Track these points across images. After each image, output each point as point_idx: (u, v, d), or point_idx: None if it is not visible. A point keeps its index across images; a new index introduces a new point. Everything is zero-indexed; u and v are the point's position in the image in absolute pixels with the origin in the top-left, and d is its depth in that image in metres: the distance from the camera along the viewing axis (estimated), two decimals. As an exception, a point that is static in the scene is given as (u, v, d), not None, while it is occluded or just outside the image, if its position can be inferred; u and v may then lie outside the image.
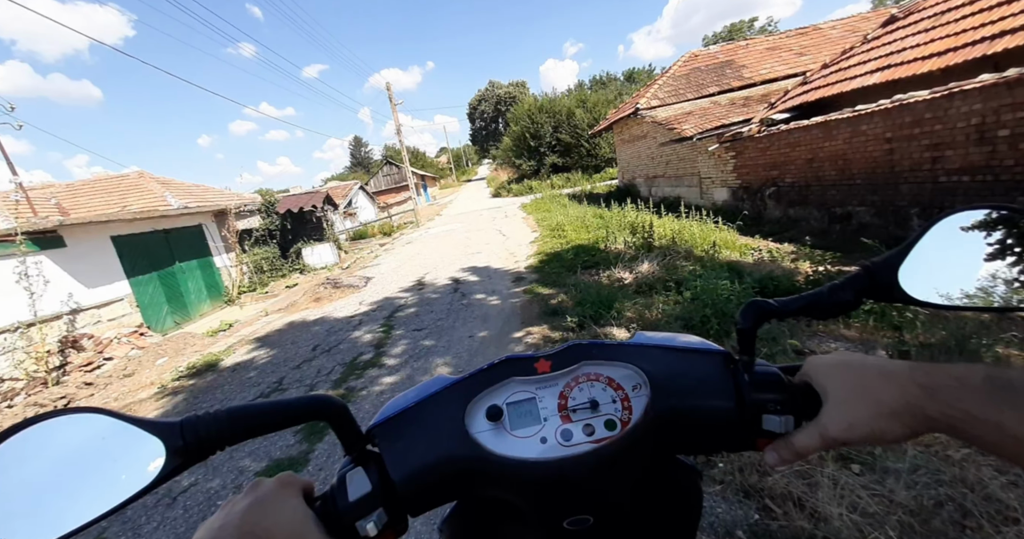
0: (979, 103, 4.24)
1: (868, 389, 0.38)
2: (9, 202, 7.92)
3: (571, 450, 0.45)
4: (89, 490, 0.36)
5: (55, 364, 6.40)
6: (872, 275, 0.43)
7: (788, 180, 7.19)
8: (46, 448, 0.35)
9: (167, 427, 0.38)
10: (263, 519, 0.38)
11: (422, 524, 2.17)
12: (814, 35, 12.75)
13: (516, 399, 0.49)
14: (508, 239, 11.29)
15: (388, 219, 21.58)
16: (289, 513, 0.39)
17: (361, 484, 0.43)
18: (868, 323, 3.06)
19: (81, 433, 0.37)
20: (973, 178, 4.44)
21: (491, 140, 64.33)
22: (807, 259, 4.85)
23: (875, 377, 0.38)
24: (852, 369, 0.40)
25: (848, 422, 0.38)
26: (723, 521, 1.74)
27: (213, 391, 4.77)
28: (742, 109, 10.65)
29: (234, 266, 11.77)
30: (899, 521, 1.52)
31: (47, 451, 0.35)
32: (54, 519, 0.34)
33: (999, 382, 0.31)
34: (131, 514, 2.79)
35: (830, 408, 0.40)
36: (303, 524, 0.39)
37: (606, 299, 4.52)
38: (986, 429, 0.31)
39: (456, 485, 0.47)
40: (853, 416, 0.38)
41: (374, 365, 4.49)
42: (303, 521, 0.39)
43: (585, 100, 29.22)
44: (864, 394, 0.38)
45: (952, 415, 0.33)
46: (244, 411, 0.40)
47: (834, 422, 0.40)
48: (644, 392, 0.48)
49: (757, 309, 0.46)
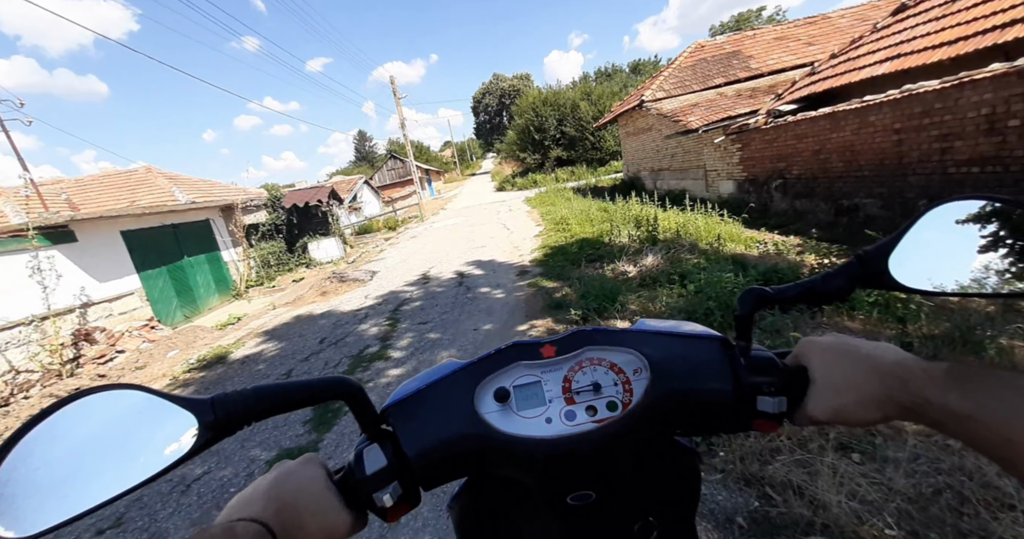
0: (990, 93, 4.19)
1: (855, 381, 0.41)
2: (20, 197, 8.03)
3: (574, 429, 0.48)
4: (126, 461, 0.39)
5: (69, 356, 6.53)
6: (864, 263, 0.45)
7: (795, 172, 7.13)
8: (88, 421, 0.38)
9: (199, 403, 0.41)
10: (289, 487, 0.42)
11: (429, 511, 2.22)
12: (823, 24, 12.53)
13: (522, 382, 0.51)
14: (512, 233, 11.29)
15: (393, 213, 21.62)
16: (311, 483, 0.43)
17: (377, 459, 0.47)
18: (872, 315, 3.06)
19: (122, 407, 0.40)
20: (982, 169, 4.39)
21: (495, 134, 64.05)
22: (813, 252, 4.84)
23: (862, 367, 0.41)
24: (841, 356, 0.43)
25: (833, 407, 0.42)
26: (723, 508, 1.78)
27: (223, 383, 4.85)
28: (749, 100, 10.52)
29: (241, 260, 11.87)
30: (897, 508, 1.54)
31: (89, 423, 0.38)
32: (93, 488, 0.37)
33: (954, 372, 0.35)
34: (147, 500, 2.87)
35: (818, 391, 0.44)
36: (324, 493, 0.43)
37: (610, 292, 4.54)
38: (940, 412, 0.35)
39: (465, 462, 0.50)
40: (838, 402, 0.42)
41: (380, 358, 4.55)
42: (324, 490, 0.43)
43: (590, 92, 28.95)
44: (851, 385, 0.41)
45: (916, 402, 0.36)
46: (269, 389, 0.43)
47: (819, 406, 0.43)
48: (645, 375, 0.50)
49: (754, 296, 0.48)
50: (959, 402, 0.33)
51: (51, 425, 0.37)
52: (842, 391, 0.41)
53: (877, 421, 0.40)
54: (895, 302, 2.98)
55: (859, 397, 0.40)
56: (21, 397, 5.72)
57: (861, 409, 0.40)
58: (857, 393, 0.40)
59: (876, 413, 0.39)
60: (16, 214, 7.39)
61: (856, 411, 0.40)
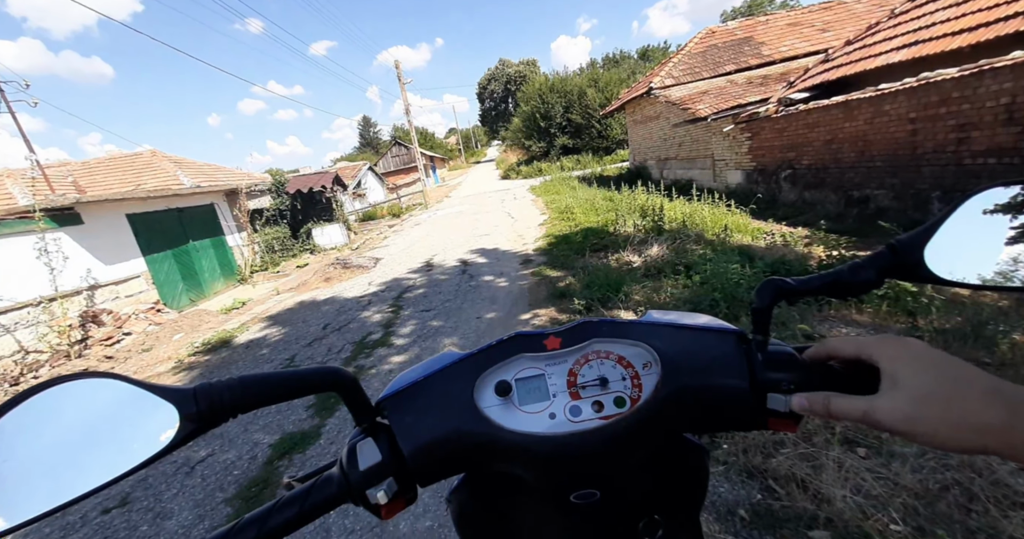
0: (1010, 81, 4.06)
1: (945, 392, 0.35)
2: (27, 179, 8.05)
3: (579, 426, 0.46)
4: (105, 453, 0.37)
5: (77, 338, 6.60)
6: (897, 253, 0.42)
7: (805, 162, 7.00)
8: (65, 409, 0.36)
9: (181, 394, 0.38)
10: None
11: (430, 497, 2.23)
12: (838, 9, 12.19)
13: (525, 375, 0.49)
14: (517, 221, 11.24)
15: (397, 200, 21.57)
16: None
17: (371, 454, 0.44)
18: (881, 308, 3.01)
19: (99, 397, 0.37)
20: (1000, 160, 4.29)
21: (501, 121, 63.29)
22: (821, 243, 4.77)
23: (955, 380, 0.35)
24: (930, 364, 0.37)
25: (907, 415, 0.36)
26: (725, 500, 1.77)
27: (227, 366, 4.89)
28: (760, 88, 10.30)
29: (246, 245, 11.90)
30: (903, 504, 1.52)
31: (66, 412, 0.36)
32: (71, 479, 0.35)
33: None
34: (152, 481, 2.91)
35: (893, 394, 0.38)
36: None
37: (614, 282, 4.51)
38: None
39: (464, 458, 0.47)
40: (916, 412, 0.36)
41: (383, 344, 4.56)
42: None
43: (597, 79, 28.50)
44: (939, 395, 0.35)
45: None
46: (256, 380, 0.41)
47: (887, 409, 0.37)
48: (655, 370, 0.47)
49: (774, 288, 0.45)
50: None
51: (24, 413, 0.34)
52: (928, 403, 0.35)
53: (961, 450, 0.34)
54: (905, 295, 2.93)
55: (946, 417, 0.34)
56: (31, 377, 5.81)
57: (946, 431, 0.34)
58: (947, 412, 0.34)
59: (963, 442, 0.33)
60: (24, 196, 7.42)
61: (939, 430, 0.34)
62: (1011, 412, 0.32)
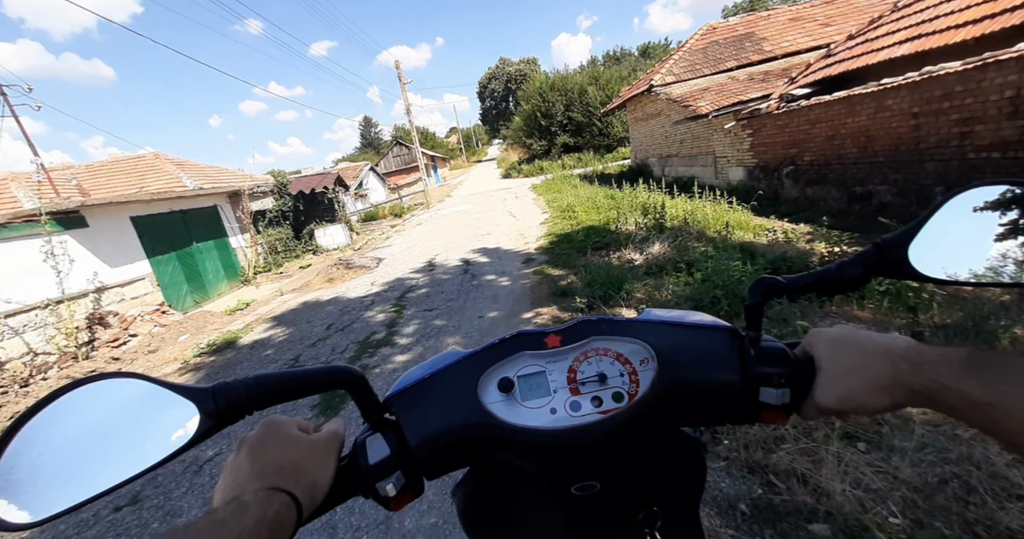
0: (1015, 74, 4.03)
1: (862, 364, 0.40)
2: (32, 183, 8.11)
3: (579, 420, 0.48)
4: (129, 449, 0.39)
5: (84, 340, 6.66)
6: (882, 251, 0.43)
7: (807, 159, 6.98)
8: (90, 408, 0.38)
9: (200, 392, 0.40)
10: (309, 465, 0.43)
11: (434, 495, 2.26)
12: (841, 4, 12.11)
13: (527, 372, 0.51)
14: (518, 220, 11.24)
15: (399, 200, 21.60)
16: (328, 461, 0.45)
17: (380, 449, 0.47)
18: (882, 304, 3.02)
19: (122, 396, 0.40)
20: (1004, 154, 4.26)
21: (502, 119, 63.18)
22: (823, 240, 4.76)
23: (871, 353, 0.40)
24: (849, 344, 0.42)
25: (839, 394, 0.41)
26: (726, 495, 1.79)
27: (233, 367, 4.93)
28: (761, 84, 10.26)
29: (249, 247, 11.96)
30: (902, 497, 1.54)
31: (91, 411, 0.38)
32: (97, 475, 0.36)
33: (974, 357, 0.34)
34: (162, 479, 2.95)
35: (824, 380, 0.43)
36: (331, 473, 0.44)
37: (616, 280, 4.52)
38: (954, 397, 0.33)
39: (469, 451, 0.50)
40: (846, 389, 0.40)
41: (387, 344, 4.59)
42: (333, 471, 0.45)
43: (598, 77, 28.41)
44: (858, 368, 0.40)
45: (930, 387, 0.35)
46: (270, 378, 0.43)
47: (826, 394, 0.42)
48: (651, 366, 0.49)
49: (765, 285, 0.47)
50: (978, 388, 0.32)
51: (53, 412, 0.37)
52: (848, 375, 0.40)
53: (886, 408, 0.39)
54: (907, 291, 2.93)
55: (866, 381, 0.39)
56: (40, 378, 5.87)
57: (868, 394, 0.39)
58: (864, 376, 0.39)
59: (884, 398, 0.38)
60: (29, 199, 7.48)
61: (863, 397, 0.39)
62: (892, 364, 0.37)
